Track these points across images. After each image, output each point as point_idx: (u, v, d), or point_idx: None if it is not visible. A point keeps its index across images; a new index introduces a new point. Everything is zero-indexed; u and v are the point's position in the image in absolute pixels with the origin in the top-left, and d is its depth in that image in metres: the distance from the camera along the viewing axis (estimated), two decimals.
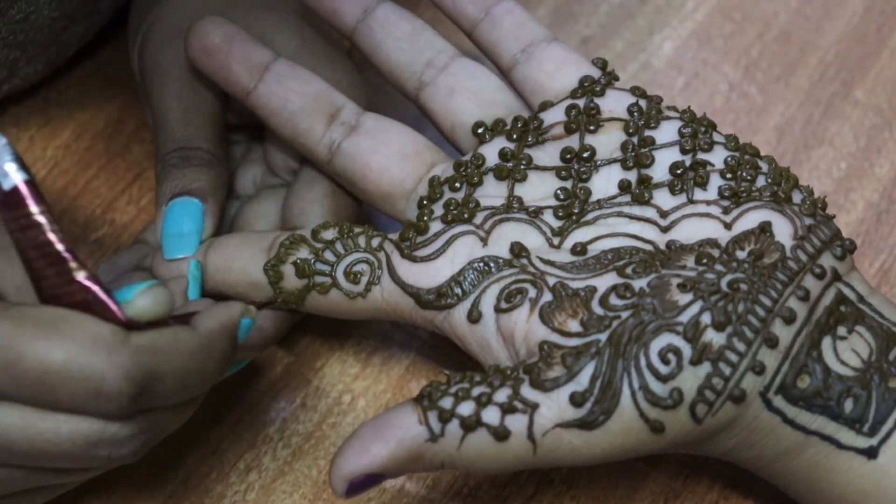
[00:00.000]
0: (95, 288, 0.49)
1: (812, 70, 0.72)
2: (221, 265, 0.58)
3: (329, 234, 0.57)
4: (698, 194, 0.55)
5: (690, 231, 0.55)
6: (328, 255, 0.57)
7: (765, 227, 0.54)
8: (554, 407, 0.50)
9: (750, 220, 0.54)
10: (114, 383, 0.47)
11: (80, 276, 0.49)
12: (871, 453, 0.51)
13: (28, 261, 0.49)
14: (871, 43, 0.73)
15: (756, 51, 0.73)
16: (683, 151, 0.56)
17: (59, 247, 0.49)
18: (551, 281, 0.53)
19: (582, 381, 0.50)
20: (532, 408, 0.50)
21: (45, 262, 0.49)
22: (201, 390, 0.51)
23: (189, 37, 0.59)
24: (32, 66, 0.67)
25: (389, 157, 0.59)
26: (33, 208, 0.48)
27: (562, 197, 0.57)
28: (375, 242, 0.57)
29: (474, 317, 0.54)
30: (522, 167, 0.58)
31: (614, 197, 0.56)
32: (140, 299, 0.49)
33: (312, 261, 0.57)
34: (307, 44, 0.62)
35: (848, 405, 0.52)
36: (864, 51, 0.73)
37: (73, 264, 0.49)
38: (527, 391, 0.50)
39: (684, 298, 0.51)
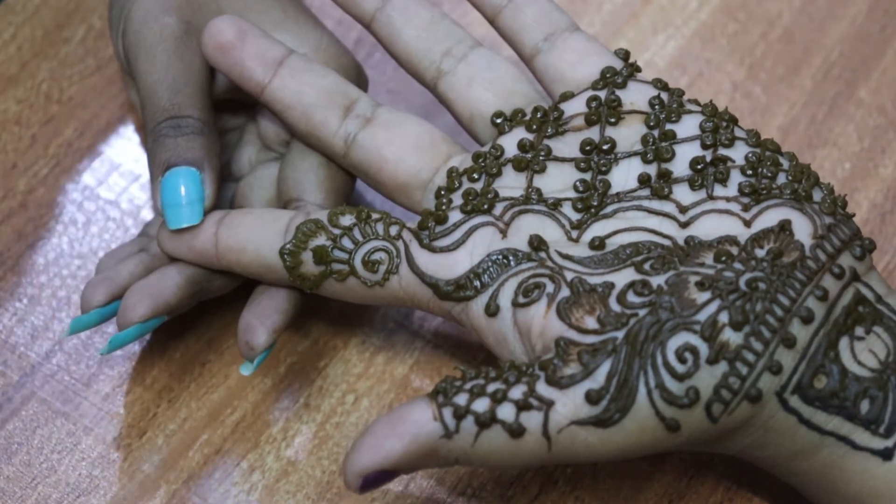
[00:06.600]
0: None
1: (816, 70, 0.72)
2: (235, 245, 0.57)
3: (347, 221, 0.57)
4: (718, 190, 0.55)
5: (709, 227, 0.54)
6: (346, 242, 0.56)
7: (785, 226, 0.53)
8: (569, 404, 0.50)
9: (770, 217, 0.54)
10: None
11: None
12: (887, 455, 0.51)
13: None
14: (875, 43, 0.73)
15: (760, 50, 0.73)
16: (704, 146, 0.56)
17: None
18: (569, 276, 0.53)
19: (598, 378, 0.50)
20: (547, 405, 0.50)
21: None
22: None
23: (204, 36, 0.59)
24: None
25: (405, 147, 0.59)
26: None
27: (581, 189, 0.57)
28: (394, 230, 0.57)
29: (492, 310, 0.54)
30: (542, 158, 0.57)
31: (634, 190, 0.56)
32: None
33: (330, 247, 0.56)
34: (288, 13, 0.63)
35: (864, 406, 0.51)
36: (868, 51, 0.73)
37: None
38: (542, 388, 0.50)
39: (702, 297, 0.51)
